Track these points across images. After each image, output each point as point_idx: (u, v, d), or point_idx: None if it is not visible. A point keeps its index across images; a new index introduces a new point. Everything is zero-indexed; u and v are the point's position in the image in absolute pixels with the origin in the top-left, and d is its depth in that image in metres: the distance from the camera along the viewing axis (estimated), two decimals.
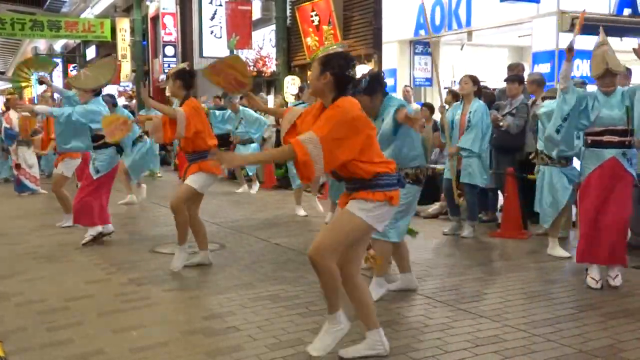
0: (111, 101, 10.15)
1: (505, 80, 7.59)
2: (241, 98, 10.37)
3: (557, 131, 5.04)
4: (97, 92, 6.67)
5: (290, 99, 13.42)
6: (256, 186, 11.14)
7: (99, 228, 6.75)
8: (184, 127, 5.42)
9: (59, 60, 40.93)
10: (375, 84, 4.37)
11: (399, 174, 3.40)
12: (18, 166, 11.15)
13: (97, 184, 6.66)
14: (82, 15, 29.58)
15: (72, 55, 39.11)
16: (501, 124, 7.05)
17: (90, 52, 36.37)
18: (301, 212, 8.50)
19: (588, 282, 4.90)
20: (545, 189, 6.05)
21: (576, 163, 5.86)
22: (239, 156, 3.69)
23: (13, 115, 11.17)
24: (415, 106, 10.40)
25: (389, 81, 13.36)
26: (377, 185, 3.29)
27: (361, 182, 3.31)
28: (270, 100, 13.40)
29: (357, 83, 4.34)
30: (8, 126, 11.29)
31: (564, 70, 4.97)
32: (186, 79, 5.66)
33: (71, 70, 39.27)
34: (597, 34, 5.01)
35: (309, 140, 3.14)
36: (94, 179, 6.63)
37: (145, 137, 9.69)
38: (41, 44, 41.55)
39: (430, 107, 9.69)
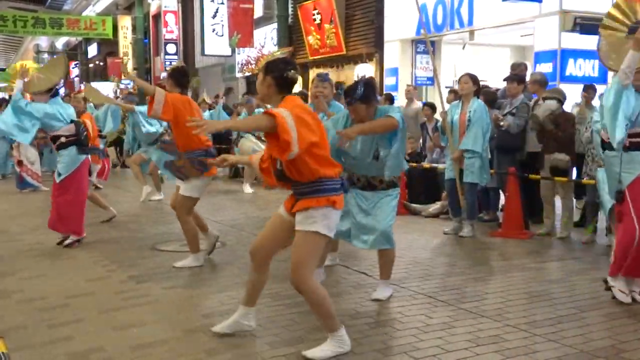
0: (133, 100, 10.23)
1: (504, 80, 7.58)
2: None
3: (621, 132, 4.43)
4: (53, 93, 6.46)
5: None
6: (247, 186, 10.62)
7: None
8: (162, 107, 5.34)
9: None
10: (370, 92, 4.34)
11: (342, 179, 3.48)
12: (20, 163, 11.14)
13: (61, 188, 6.43)
14: (84, 13, 29.59)
15: (73, 53, 39.11)
16: (502, 123, 7.03)
17: (92, 50, 36.41)
18: None
19: (618, 297, 4.47)
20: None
21: None
22: (217, 122, 3.66)
23: None
24: (417, 105, 10.39)
25: (391, 80, 13.36)
26: (319, 190, 3.38)
27: (305, 185, 3.40)
28: None
29: (351, 92, 4.34)
30: None
31: (632, 62, 4.24)
32: (177, 77, 5.61)
33: (73, 68, 39.31)
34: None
35: (283, 111, 3.23)
36: (58, 182, 6.43)
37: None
38: (43, 42, 41.57)
39: (431, 106, 9.67)
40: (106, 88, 25.61)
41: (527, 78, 7.69)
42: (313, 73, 16.34)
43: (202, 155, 5.52)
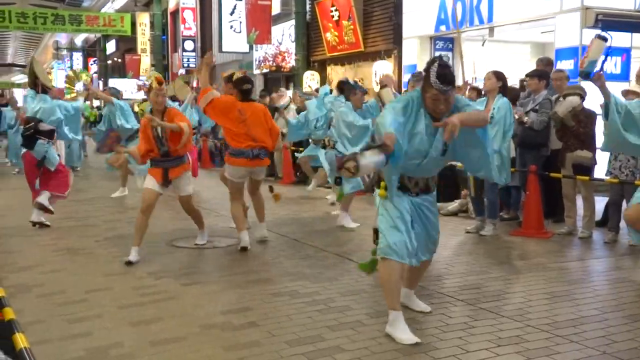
0: (116, 94, 10.28)
1: (526, 75, 7.49)
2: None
3: None
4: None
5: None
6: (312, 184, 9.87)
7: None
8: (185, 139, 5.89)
9: (79, 55, 41.38)
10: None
11: None
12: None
13: None
14: (103, 10, 29.79)
15: (92, 50, 39.43)
16: (525, 119, 6.95)
17: (110, 47, 36.67)
18: (350, 223, 7.24)
19: None
20: None
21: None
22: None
23: None
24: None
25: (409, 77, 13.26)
26: None
27: None
28: (289, 94, 13.37)
29: (448, 78, 3.63)
30: None
31: None
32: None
33: (91, 64, 39.61)
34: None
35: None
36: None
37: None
38: (62, 38, 41.94)
39: None
40: (125, 85, 25.78)
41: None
42: (331, 70, 16.32)
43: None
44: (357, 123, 7.16)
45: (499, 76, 6.53)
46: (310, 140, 9.35)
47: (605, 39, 4.58)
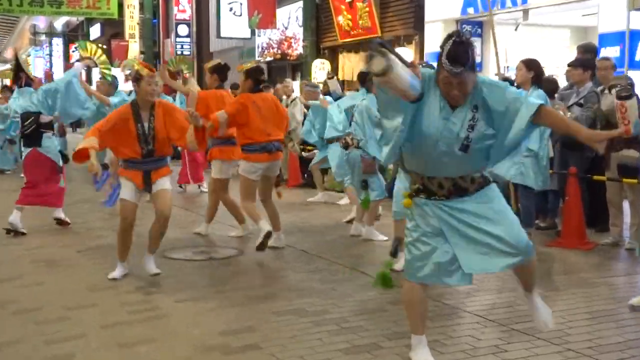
0: (113, 82, 10.30)
1: (568, 65, 7.46)
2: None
3: None
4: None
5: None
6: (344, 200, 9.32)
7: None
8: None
9: (59, 40, 41.56)
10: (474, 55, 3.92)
11: None
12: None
13: None
14: None
15: (74, 34, 39.58)
16: (567, 115, 6.92)
17: (95, 31, 36.79)
18: (377, 235, 7.07)
19: None
20: None
21: None
22: None
23: None
24: None
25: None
26: None
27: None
28: (296, 87, 13.36)
29: (459, 55, 3.42)
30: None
31: None
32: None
33: (72, 52, 39.79)
34: None
35: None
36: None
37: None
38: (40, 22, 42.15)
39: None
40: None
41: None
42: (343, 58, 16.34)
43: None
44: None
45: (530, 66, 6.49)
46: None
47: (631, 96, 4.64)
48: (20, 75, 7.91)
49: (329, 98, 9.58)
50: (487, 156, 3.57)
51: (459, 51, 3.32)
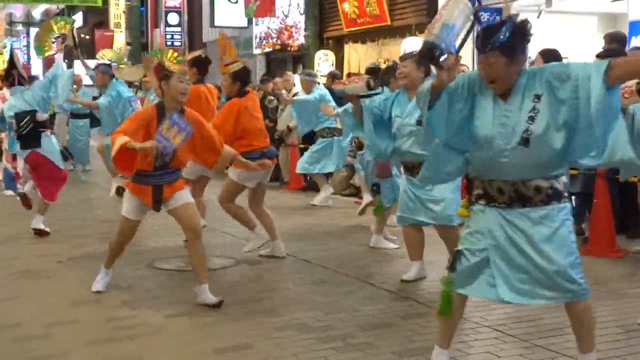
0: (108, 71, 10.31)
1: (596, 57, 7.46)
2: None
3: None
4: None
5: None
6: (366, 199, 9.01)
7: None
8: None
9: (35, 30, 41.65)
10: (519, 41, 3.67)
11: None
12: (15, 156, 11.10)
13: None
14: None
15: None
16: None
17: (77, 20, 36.86)
18: (389, 244, 7.16)
19: None
20: None
21: None
22: None
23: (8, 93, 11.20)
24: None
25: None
26: None
27: None
28: (298, 81, 13.35)
29: (488, 33, 3.61)
30: None
31: None
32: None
33: (52, 43, 39.83)
34: None
35: None
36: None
37: None
38: (17, 10, 42.24)
39: None
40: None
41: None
42: (349, 48, 16.35)
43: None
44: None
45: (547, 56, 6.50)
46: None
47: None
48: (12, 72, 7.86)
49: (332, 103, 9.49)
50: (562, 154, 3.48)
51: (488, 31, 3.46)
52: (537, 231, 3.50)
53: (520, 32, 3.49)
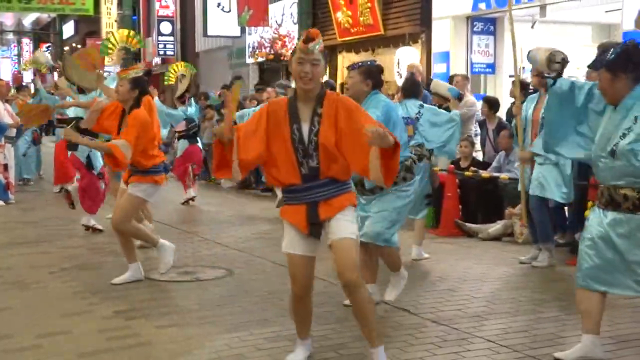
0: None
1: (588, 67, 7.50)
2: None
3: None
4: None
5: None
6: None
7: None
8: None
9: (28, 40, 41.54)
10: (623, 61, 4.21)
11: None
12: (6, 167, 11.03)
13: None
14: None
15: (44, 33, 39.60)
16: None
17: (68, 29, 36.88)
18: (423, 253, 7.15)
19: None
20: None
21: None
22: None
23: None
24: (470, 99, 10.35)
25: (441, 67, 13.37)
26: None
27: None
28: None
29: (600, 54, 4.56)
30: None
31: None
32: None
33: (45, 51, 39.83)
34: None
35: None
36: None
37: None
38: (7, 19, 42.18)
39: (491, 102, 9.61)
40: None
41: None
42: (342, 59, 16.40)
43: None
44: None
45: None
46: None
47: None
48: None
49: None
50: None
51: (602, 53, 4.23)
52: (627, 237, 4.02)
53: (624, 54, 4.09)
